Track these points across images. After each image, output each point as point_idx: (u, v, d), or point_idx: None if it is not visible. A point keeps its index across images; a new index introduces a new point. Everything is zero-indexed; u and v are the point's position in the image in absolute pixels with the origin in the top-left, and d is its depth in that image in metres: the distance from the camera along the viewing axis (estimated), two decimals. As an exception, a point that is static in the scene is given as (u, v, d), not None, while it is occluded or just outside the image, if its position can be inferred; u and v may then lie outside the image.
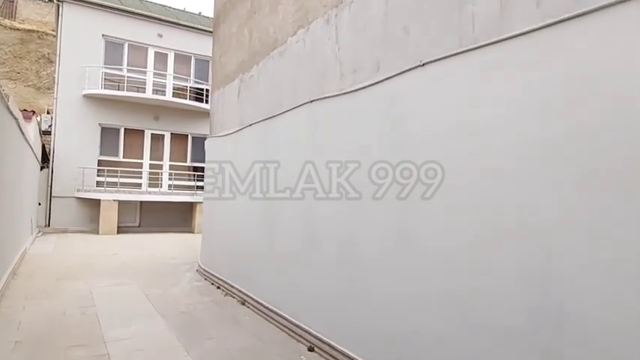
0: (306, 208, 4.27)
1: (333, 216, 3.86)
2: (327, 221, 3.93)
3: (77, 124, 13.87)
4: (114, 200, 13.38)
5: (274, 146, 5.03)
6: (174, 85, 15.64)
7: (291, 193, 4.56)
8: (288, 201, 4.65)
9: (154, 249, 10.26)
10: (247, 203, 5.61)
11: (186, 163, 16.04)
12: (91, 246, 10.50)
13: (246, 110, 5.92)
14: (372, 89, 3.46)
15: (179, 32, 15.86)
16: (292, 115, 4.67)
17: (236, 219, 5.94)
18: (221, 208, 6.57)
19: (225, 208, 6.41)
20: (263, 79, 5.44)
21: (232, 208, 6.10)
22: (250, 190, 5.53)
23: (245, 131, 5.84)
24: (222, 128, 6.77)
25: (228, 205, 6.22)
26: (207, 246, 7.18)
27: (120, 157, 14.71)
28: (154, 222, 15.01)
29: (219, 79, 7.01)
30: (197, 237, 13.46)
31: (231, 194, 6.12)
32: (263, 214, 5.19)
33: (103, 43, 14.56)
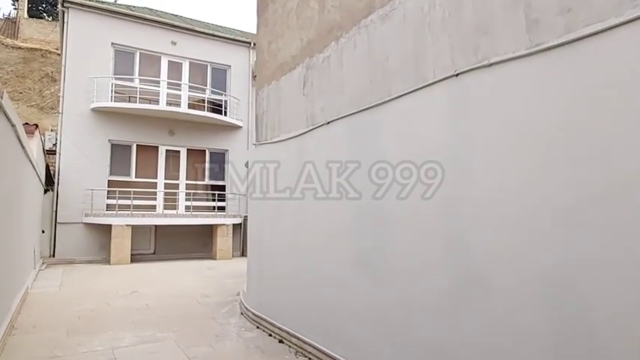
0: (457, 230, 2.75)
1: (517, 244, 2.35)
2: (505, 251, 2.42)
3: (85, 141, 12.46)
4: (126, 225, 11.87)
5: (375, 146, 3.55)
6: (189, 97, 14.28)
7: (413, 205, 3.06)
8: (408, 219, 3.15)
9: (177, 283, 8.69)
10: (329, 227, 4.09)
11: (204, 182, 14.56)
12: (104, 280, 8.94)
13: (317, 104, 4.45)
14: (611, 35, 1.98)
15: (194, 39, 14.58)
16: (413, 100, 3.19)
17: (308, 247, 4.42)
18: (279, 233, 5.05)
19: (287, 233, 4.89)
20: (349, 58, 3.98)
21: (302, 233, 4.58)
22: (334, 209, 4.01)
23: (319, 132, 4.36)
24: (276, 132, 5.30)
25: (295, 230, 4.70)
26: (257, 281, 5.63)
27: (132, 177, 13.25)
28: (170, 248, 13.46)
29: (269, 72, 5.57)
30: (221, 265, 11.95)
31: (298, 216, 4.61)
32: (359, 240, 3.67)
33: (112, 52, 13.27)
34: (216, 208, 14.03)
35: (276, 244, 5.09)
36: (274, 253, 5.14)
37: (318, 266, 4.22)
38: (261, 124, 5.73)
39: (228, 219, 13.65)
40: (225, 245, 13.33)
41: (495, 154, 2.55)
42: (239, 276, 9.47)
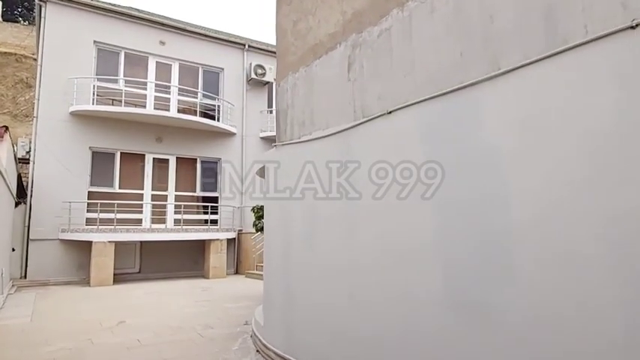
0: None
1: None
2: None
3: (62, 149, 11.20)
4: (109, 242, 10.61)
5: (474, 139, 2.59)
6: (179, 101, 13.16)
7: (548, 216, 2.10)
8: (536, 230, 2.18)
9: (171, 309, 7.51)
10: (401, 243, 3.09)
11: (195, 193, 13.38)
12: (84, 307, 7.69)
13: (370, 90, 3.48)
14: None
15: (184, 39, 13.53)
16: (543, 71, 2.25)
17: (368, 270, 3.39)
18: (319, 249, 4.02)
19: (331, 249, 3.86)
20: (422, 27, 3.03)
21: (355, 250, 3.56)
22: (407, 219, 3.02)
23: (374, 125, 3.38)
24: (306, 129, 4.30)
25: (343, 245, 3.67)
26: (282, 311, 4.56)
27: (115, 188, 12.00)
28: (157, 266, 12.20)
29: (295, 57, 4.59)
30: (216, 285, 10.74)
31: (345, 228, 3.60)
32: (452, 263, 2.68)
33: (94, 51, 12.10)
34: (209, 221, 12.84)
35: (314, 261, 4.04)
36: (310, 275, 4.08)
37: (383, 296, 3.20)
38: (284, 121, 4.71)
39: (222, 233, 12.49)
40: (218, 262, 12.15)
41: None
42: (241, 299, 8.34)
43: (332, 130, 3.88)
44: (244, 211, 13.86)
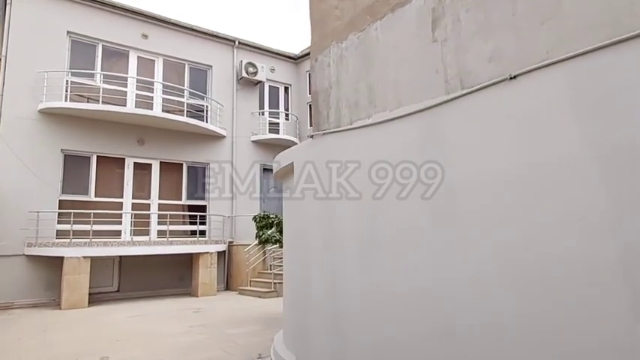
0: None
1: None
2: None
3: (29, 151, 9.82)
4: (83, 257, 9.26)
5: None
6: (163, 100, 11.94)
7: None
8: None
9: (162, 339, 6.29)
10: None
11: (181, 202, 12.12)
12: (55, 338, 6.38)
13: (474, 51, 2.53)
14: None
15: (169, 34, 12.37)
16: None
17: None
18: (390, 277, 2.99)
19: (394, 278, 2.85)
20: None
21: (441, 273, 2.56)
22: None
23: (486, 97, 2.42)
24: (361, 111, 3.31)
25: (432, 273, 2.66)
26: (321, 351, 3.49)
27: (91, 196, 10.64)
28: (138, 284, 10.87)
29: (341, 23, 3.60)
30: (208, 304, 9.43)
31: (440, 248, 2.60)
32: None
33: (67, 42, 10.80)
34: (197, 232, 11.60)
35: (379, 286, 3.00)
36: (373, 304, 3.05)
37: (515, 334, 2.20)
38: (324, 104, 3.70)
39: (212, 246, 11.27)
40: (208, 278, 10.91)
41: None
42: (242, 323, 7.19)
43: (406, 109, 2.90)
44: (235, 221, 12.68)
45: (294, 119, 14.96)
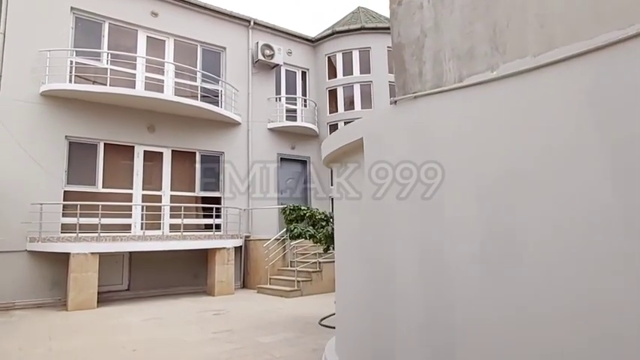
0: None
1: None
2: None
3: (31, 137, 8.97)
4: (91, 253, 8.44)
5: None
6: (175, 83, 11.05)
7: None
8: None
9: (187, 351, 5.44)
10: None
11: (194, 193, 11.28)
12: (64, 347, 5.54)
13: None
14: None
15: (180, 12, 11.47)
16: None
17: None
18: (506, 288, 2.13)
19: (541, 291, 1.99)
20: None
21: None
22: None
23: None
24: (476, 63, 2.43)
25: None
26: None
27: (99, 187, 9.80)
28: (150, 282, 10.06)
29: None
30: (228, 304, 8.43)
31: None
32: None
33: (72, 19, 9.91)
34: (213, 226, 10.76)
35: (518, 299, 2.14)
36: (509, 325, 2.19)
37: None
38: (415, 59, 2.82)
39: (228, 240, 10.44)
40: (225, 276, 10.09)
41: None
42: (273, 327, 6.36)
43: (561, 53, 2.01)
44: (251, 214, 11.85)
45: (312, 105, 14.06)
